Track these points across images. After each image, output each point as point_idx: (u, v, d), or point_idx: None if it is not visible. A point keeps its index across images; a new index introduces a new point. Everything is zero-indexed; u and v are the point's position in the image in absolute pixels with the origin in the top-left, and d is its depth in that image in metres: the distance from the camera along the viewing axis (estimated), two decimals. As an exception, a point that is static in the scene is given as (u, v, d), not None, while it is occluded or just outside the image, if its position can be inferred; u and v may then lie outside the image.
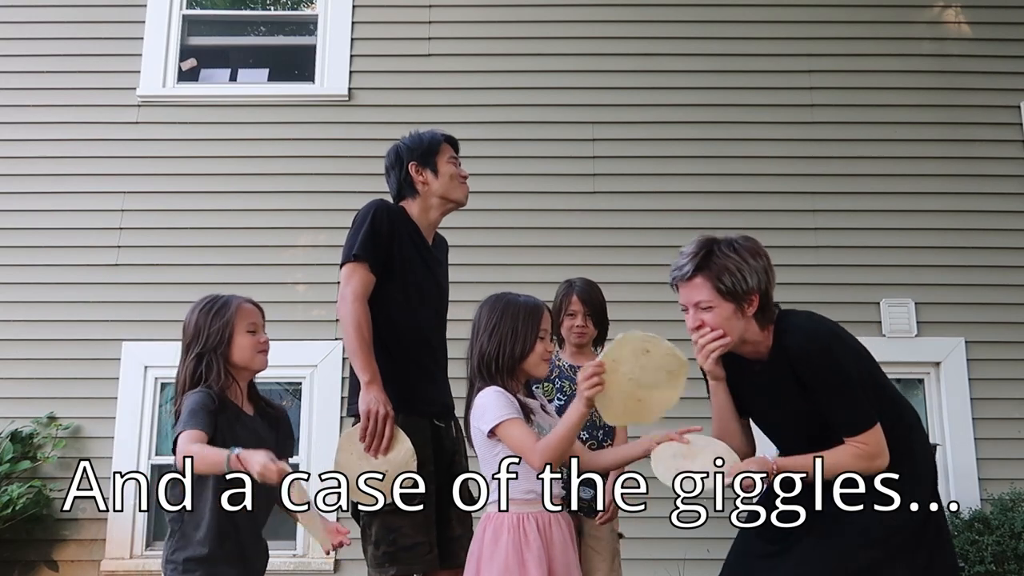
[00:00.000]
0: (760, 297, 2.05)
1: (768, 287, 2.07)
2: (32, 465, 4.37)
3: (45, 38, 5.11)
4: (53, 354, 4.66)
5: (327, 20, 5.17)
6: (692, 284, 2.07)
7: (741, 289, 2.03)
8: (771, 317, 2.10)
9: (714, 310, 2.04)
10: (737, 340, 2.08)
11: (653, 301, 4.71)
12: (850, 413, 2.01)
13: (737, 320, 2.05)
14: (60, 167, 4.92)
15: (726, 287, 2.03)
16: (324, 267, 4.74)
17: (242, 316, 2.30)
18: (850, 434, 2.00)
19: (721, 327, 2.04)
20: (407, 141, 2.61)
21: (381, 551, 2.31)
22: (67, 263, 4.78)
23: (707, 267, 2.05)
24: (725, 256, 2.05)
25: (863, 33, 5.10)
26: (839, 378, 2.01)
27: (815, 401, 2.04)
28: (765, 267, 2.07)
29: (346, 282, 2.40)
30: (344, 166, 4.91)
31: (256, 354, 2.29)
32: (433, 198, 2.57)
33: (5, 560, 4.33)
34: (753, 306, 2.05)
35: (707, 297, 2.04)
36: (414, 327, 2.48)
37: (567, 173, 4.93)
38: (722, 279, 2.03)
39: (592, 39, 5.13)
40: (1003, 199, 4.80)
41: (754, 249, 2.08)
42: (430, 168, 2.56)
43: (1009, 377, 4.49)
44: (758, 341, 2.10)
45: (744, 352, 2.13)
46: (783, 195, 4.84)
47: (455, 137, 2.68)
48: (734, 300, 2.03)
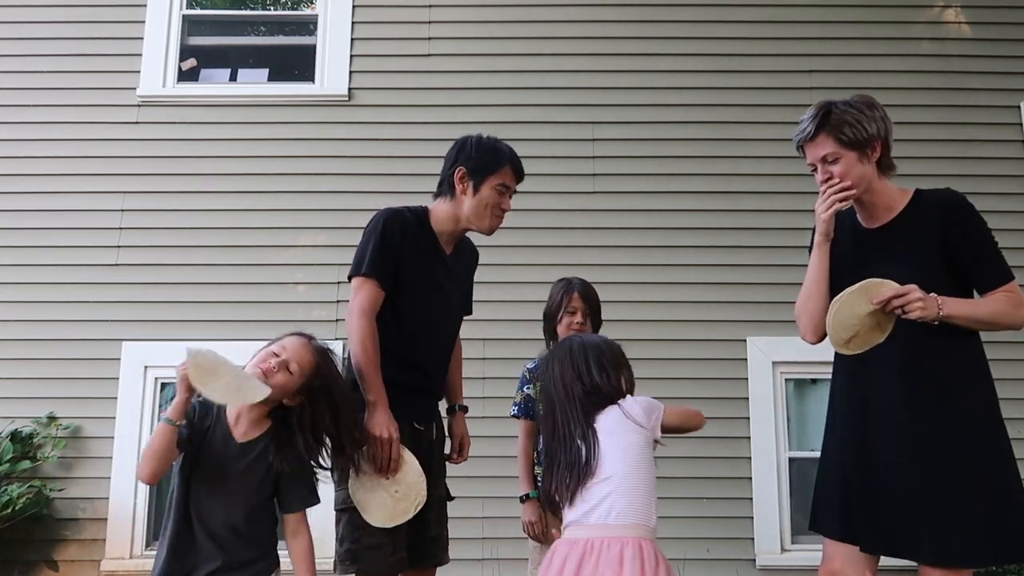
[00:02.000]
0: (881, 145, 2.20)
1: (887, 135, 2.22)
2: (32, 465, 4.37)
3: (45, 38, 5.10)
4: (53, 354, 4.66)
5: (327, 20, 5.17)
6: (816, 142, 2.21)
7: (862, 137, 2.17)
8: (891, 165, 2.25)
9: (840, 160, 2.18)
10: (863, 189, 2.21)
11: (653, 301, 4.73)
12: (997, 262, 2.17)
13: (862, 166, 2.19)
14: (60, 167, 4.92)
15: (848, 137, 2.17)
16: (324, 267, 4.74)
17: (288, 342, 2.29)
18: (998, 283, 2.14)
19: (848, 175, 2.17)
20: (474, 142, 2.50)
21: (344, 548, 2.33)
22: (67, 263, 4.78)
23: (827, 124, 2.19)
24: (843, 111, 2.19)
25: (863, 33, 5.10)
26: (984, 227, 2.17)
27: (954, 256, 2.13)
28: (882, 116, 2.22)
29: (354, 296, 2.37)
30: (344, 166, 4.91)
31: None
32: (461, 213, 2.47)
33: (5, 560, 4.33)
34: (877, 152, 2.20)
35: (832, 149, 2.19)
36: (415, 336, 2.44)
37: (567, 173, 4.93)
38: (843, 131, 2.17)
39: (592, 39, 5.13)
40: (1003, 199, 4.80)
41: (869, 102, 2.23)
42: (474, 183, 2.45)
43: (1009, 377, 4.50)
44: (883, 193, 2.23)
45: (870, 204, 2.24)
46: (783, 195, 4.83)
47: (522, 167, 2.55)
48: (857, 148, 2.18)
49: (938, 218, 2.16)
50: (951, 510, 2.00)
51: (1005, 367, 4.52)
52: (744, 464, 4.52)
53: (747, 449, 4.54)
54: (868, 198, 2.23)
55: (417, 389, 2.45)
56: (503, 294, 4.57)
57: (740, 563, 4.37)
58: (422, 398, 2.49)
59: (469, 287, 2.75)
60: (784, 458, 4.54)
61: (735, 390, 4.62)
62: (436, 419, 2.57)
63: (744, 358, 4.64)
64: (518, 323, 4.62)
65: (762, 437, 4.56)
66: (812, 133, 2.20)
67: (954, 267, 2.14)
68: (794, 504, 4.47)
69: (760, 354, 4.65)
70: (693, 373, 4.58)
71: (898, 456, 2.09)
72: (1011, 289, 2.14)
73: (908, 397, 2.10)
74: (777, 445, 4.56)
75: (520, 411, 2.95)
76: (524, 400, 2.96)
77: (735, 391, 4.62)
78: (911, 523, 2.05)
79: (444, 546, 2.52)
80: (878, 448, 2.13)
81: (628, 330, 4.47)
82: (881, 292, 2.05)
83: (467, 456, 2.69)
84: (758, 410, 4.59)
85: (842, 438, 2.24)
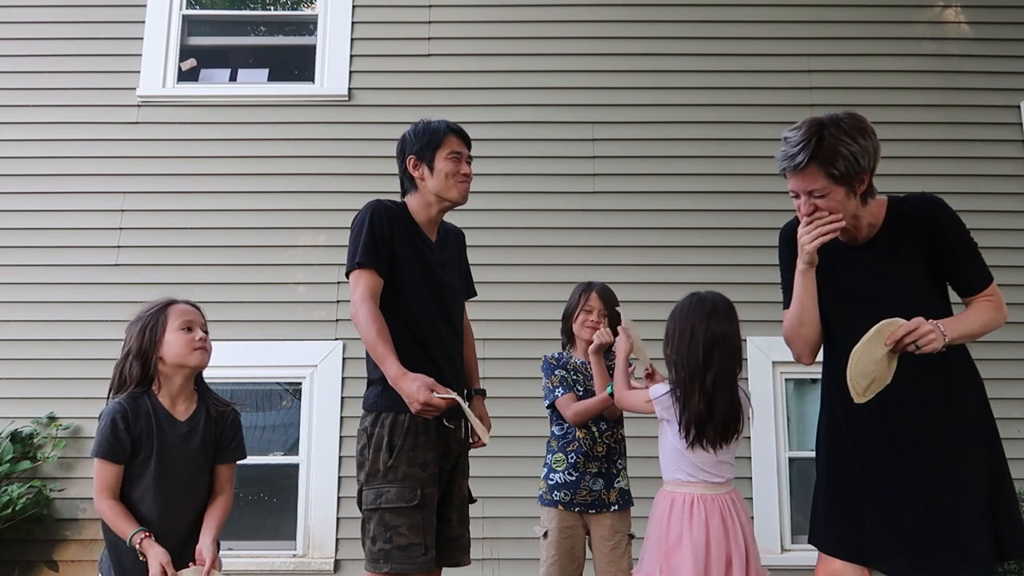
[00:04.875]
0: (869, 175, 2.08)
1: (876, 164, 2.09)
2: (32, 465, 4.38)
3: (45, 38, 5.10)
4: (53, 354, 4.66)
5: (327, 20, 5.17)
6: (805, 173, 2.07)
7: (853, 171, 2.04)
8: (873, 192, 2.14)
9: (828, 195, 2.06)
10: (849, 220, 2.12)
11: (653, 301, 4.71)
12: (978, 264, 2.12)
13: (849, 201, 2.08)
14: (60, 167, 4.92)
15: (839, 172, 2.03)
16: (324, 267, 4.74)
17: (173, 315, 2.36)
18: (980, 287, 2.11)
19: (834, 211, 2.07)
20: (411, 131, 2.57)
21: (377, 547, 2.31)
22: (67, 263, 4.79)
23: (819, 155, 2.03)
24: (836, 140, 2.03)
25: (863, 33, 5.10)
26: (962, 229, 2.11)
27: (937, 259, 2.09)
28: (875, 146, 2.07)
29: (354, 288, 2.37)
30: (344, 166, 4.92)
31: (192, 351, 2.33)
32: (429, 195, 2.53)
33: (5, 560, 4.33)
34: (864, 185, 2.09)
35: (821, 185, 2.05)
36: (421, 327, 2.45)
37: (567, 173, 4.93)
38: (836, 165, 2.02)
39: (592, 39, 5.13)
40: (1003, 199, 4.80)
41: (862, 128, 2.06)
42: (426, 164, 2.51)
43: (1009, 377, 4.50)
44: (864, 216, 2.14)
45: (855, 227, 2.16)
46: (783, 195, 4.79)
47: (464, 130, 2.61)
48: (846, 183, 2.05)
49: (918, 227, 2.11)
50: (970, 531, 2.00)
51: (1005, 367, 4.53)
52: (744, 464, 4.52)
53: (747, 449, 4.55)
54: (851, 223, 2.14)
55: (440, 374, 2.44)
56: (503, 294, 4.58)
57: (740, 563, 4.38)
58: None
59: (466, 269, 2.77)
60: (784, 458, 4.55)
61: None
62: (462, 416, 2.59)
63: (744, 358, 4.65)
64: (518, 323, 4.63)
65: (762, 437, 4.56)
66: (804, 163, 2.04)
67: (938, 272, 2.13)
68: (794, 504, 4.47)
69: (760, 354, 4.65)
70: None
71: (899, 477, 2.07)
72: (992, 292, 2.12)
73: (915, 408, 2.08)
74: (777, 445, 4.56)
75: (565, 390, 2.96)
76: (561, 382, 2.98)
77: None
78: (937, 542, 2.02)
79: (465, 547, 2.53)
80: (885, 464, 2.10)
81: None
82: (894, 332, 1.96)
83: (486, 442, 2.68)
84: (758, 410, 4.55)
85: (844, 452, 2.20)
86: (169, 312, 2.36)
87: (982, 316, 2.09)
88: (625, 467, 3.02)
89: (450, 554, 2.47)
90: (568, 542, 2.90)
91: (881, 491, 2.09)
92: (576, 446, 2.95)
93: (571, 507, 2.91)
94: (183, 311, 2.38)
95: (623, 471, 3.00)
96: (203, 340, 2.36)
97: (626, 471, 3.02)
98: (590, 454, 2.94)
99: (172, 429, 2.33)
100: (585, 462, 2.93)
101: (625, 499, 2.97)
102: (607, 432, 2.97)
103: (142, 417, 2.29)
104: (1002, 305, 2.12)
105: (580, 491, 2.91)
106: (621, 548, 2.90)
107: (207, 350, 2.37)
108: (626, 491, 2.98)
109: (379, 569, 2.30)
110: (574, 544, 2.92)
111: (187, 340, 2.33)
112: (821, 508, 2.23)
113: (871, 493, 2.11)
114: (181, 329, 2.34)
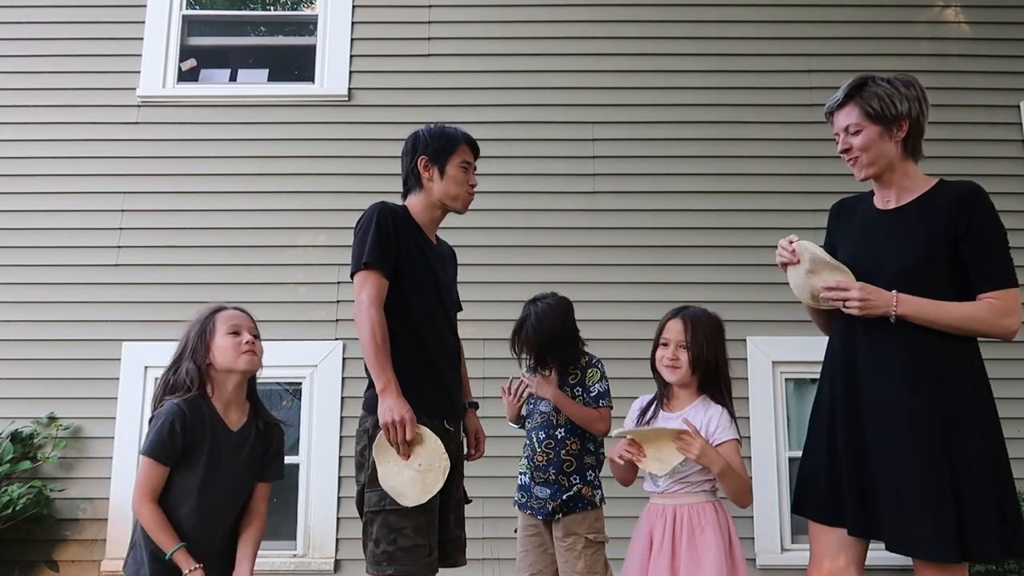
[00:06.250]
0: (910, 124, 2.14)
1: (920, 117, 2.15)
2: (32, 465, 4.37)
3: (45, 38, 5.11)
4: (53, 354, 4.66)
5: (327, 20, 5.17)
6: (843, 110, 2.20)
7: (889, 113, 2.13)
8: (920, 150, 2.19)
9: (862, 132, 2.15)
10: (885, 166, 2.17)
11: (652, 301, 4.72)
12: (998, 261, 2.07)
13: (884, 143, 2.15)
14: (60, 167, 4.92)
15: (874, 110, 2.14)
16: (324, 267, 4.75)
17: (221, 320, 2.36)
18: (990, 286, 2.05)
19: (867, 149, 2.15)
20: (427, 131, 2.59)
21: (380, 549, 2.30)
22: (67, 263, 4.79)
23: (858, 94, 2.17)
24: (877, 85, 2.17)
25: (863, 33, 5.10)
26: (995, 225, 2.08)
27: (960, 246, 2.06)
28: (918, 96, 2.16)
29: (360, 289, 2.37)
30: (344, 166, 4.92)
31: (239, 355, 2.33)
32: (434, 198, 2.55)
33: (5, 560, 4.33)
34: (902, 131, 2.14)
35: (855, 120, 2.16)
36: (425, 328, 2.46)
37: (567, 173, 4.94)
38: (871, 103, 2.14)
39: (592, 39, 5.13)
40: (1003, 199, 4.77)
41: (907, 80, 2.18)
42: (438, 167, 2.53)
43: (1009, 377, 4.50)
44: (905, 175, 2.18)
45: (888, 183, 2.20)
46: (783, 195, 4.84)
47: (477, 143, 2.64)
48: (882, 123, 2.14)
49: (948, 209, 2.07)
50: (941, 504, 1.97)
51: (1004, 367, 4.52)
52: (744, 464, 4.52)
53: (747, 449, 4.54)
54: (888, 177, 2.18)
55: (441, 377, 2.48)
56: (503, 294, 4.57)
57: (740, 563, 4.38)
58: (447, 396, 2.51)
59: (455, 283, 2.77)
60: (784, 458, 4.55)
61: (735, 390, 4.55)
62: (461, 419, 2.59)
63: (744, 358, 4.65)
64: (518, 323, 4.63)
65: (762, 437, 4.56)
66: (841, 101, 2.19)
67: (957, 260, 2.07)
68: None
69: (760, 354, 4.65)
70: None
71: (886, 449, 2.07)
72: (1000, 296, 2.04)
73: (903, 390, 2.07)
74: (777, 445, 4.56)
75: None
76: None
77: (735, 391, 4.55)
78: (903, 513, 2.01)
79: (461, 547, 2.54)
80: (868, 436, 2.11)
81: (627, 330, 4.49)
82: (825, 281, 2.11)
83: (483, 451, 2.72)
84: (758, 410, 4.59)
85: (830, 424, 2.22)
86: (217, 318, 2.37)
87: (966, 310, 2.04)
88: (585, 481, 2.93)
89: (448, 554, 2.47)
90: (535, 539, 2.96)
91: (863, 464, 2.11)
92: (528, 452, 3.01)
93: (525, 509, 2.99)
94: (230, 316, 2.39)
95: (579, 485, 2.92)
96: (251, 344, 2.35)
97: (586, 484, 2.93)
98: (533, 462, 2.97)
99: (225, 438, 2.32)
100: (532, 470, 2.97)
101: (576, 505, 2.91)
102: (546, 442, 2.96)
103: (199, 421, 2.28)
104: (1007, 313, 2.04)
105: (532, 496, 2.97)
106: (576, 550, 2.87)
107: (255, 353, 2.37)
108: (579, 498, 2.91)
109: (383, 571, 2.29)
110: (542, 541, 2.96)
111: (234, 344, 2.33)
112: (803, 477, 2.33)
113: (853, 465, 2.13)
114: (229, 333, 2.34)
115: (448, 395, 2.51)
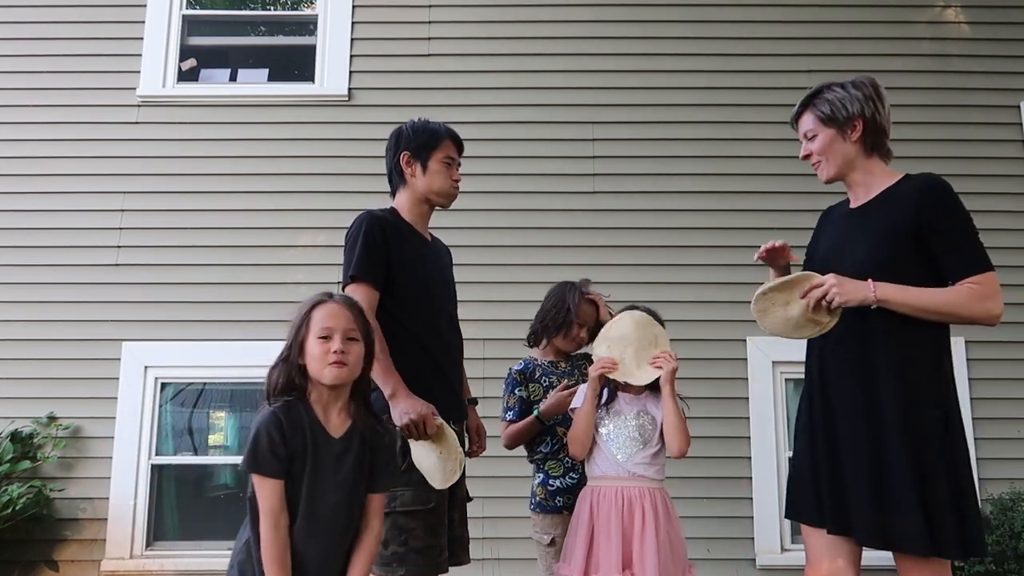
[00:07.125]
0: (864, 123, 2.24)
1: (876, 115, 2.25)
2: (32, 465, 4.37)
3: (45, 38, 5.10)
4: (53, 354, 4.66)
5: (327, 20, 5.17)
6: (801, 119, 2.35)
7: (841, 115, 2.25)
8: (883, 148, 2.28)
9: (817, 137, 2.28)
10: (844, 165, 2.27)
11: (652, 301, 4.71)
12: (971, 249, 2.09)
13: (841, 144, 2.26)
14: (60, 167, 4.92)
15: (825, 114, 2.27)
16: (324, 267, 4.74)
17: (316, 318, 2.01)
18: (966, 273, 2.07)
19: (825, 152, 2.27)
20: (410, 127, 2.60)
21: (390, 551, 2.28)
22: (67, 263, 4.79)
23: (811, 102, 2.31)
24: (830, 90, 2.29)
25: (863, 33, 5.10)
26: (963, 215, 2.11)
27: (928, 237, 2.08)
28: (870, 96, 2.25)
29: None
30: (344, 166, 4.92)
31: (325, 366, 1.96)
32: (418, 193, 2.57)
33: (5, 560, 4.33)
34: (856, 131, 2.24)
35: (811, 126, 2.30)
36: (427, 330, 2.46)
37: (567, 173, 4.94)
38: (822, 108, 2.28)
39: (592, 39, 5.13)
40: (1003, 199, 4.80)
41: (859, 82, 2.29)
42: (420, 163, 2.55)
43: (1009, 377, 4.49)
44: (871, 172, 2.26)
45: (852, 183, 2.29)
46: (783, 195, 4.84)
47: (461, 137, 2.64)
48: (835, 125, 2.26)
49: (913, 201, 2.11)
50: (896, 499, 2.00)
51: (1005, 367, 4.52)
52: (744, 464, 4.52)
53: (747, 449, 4.55)
54: (852, 177, 2.27)
55: (445, 376, 2.48)
56: (503, 294, 4.58)
57: (740, 563, 4.38)
58: (453, 396, 2.51)
59: (452, 278, 2.77)
60: (784, 458, 4.55)
61: (735, 390, 4.63)
62: (465, 417, 2.60)
63: (744, 358, 4.65)
64: (518, 323, 4.60)
65: (762, 437, 4.56)
66: (798, 110, 2.34)
67: (925, 252, 2.09)
68: (794, 504, 4.47)
69: (760, 354, 4.65)
70: (693, 373, 4.54)
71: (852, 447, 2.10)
72: (979, 281, 2.05)
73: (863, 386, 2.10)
74: (777, 445, 4.56)
75: (515, 415, 2.93)
76: (518, 403, 2.95)
77: (735, 391, 4.62)
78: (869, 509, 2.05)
79: (465, 546, 2.55)
80: (839, 436, 2.15)
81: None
82: (804, 286, 2.12)
83: (485, 447, 2.72)
84: (758, 410, 4.59)
85: (809, 426, 2.26)
86: (313, 315, 2.01)
87: (946, 295, 2.06)
88: None
89: (453, 553, 2.48)
90: None
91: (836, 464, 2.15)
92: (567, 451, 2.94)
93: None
94: (326, 315, 2.01)
95: None
96: (339, 354, 1.95)
97: None
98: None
99: (326, 447, 1.97)
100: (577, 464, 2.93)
101: None
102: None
103: (298, 429, 1.94)
104: (988, 296, 2.04)
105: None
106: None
107: (344, 364, 1.96)
108: None
109: (393, 572, 2.27)
110: None
111: (322, 352, 1.96)
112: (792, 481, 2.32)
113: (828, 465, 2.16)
114: (319, 337, 1.97)
115: (454, 394, 2.52)
